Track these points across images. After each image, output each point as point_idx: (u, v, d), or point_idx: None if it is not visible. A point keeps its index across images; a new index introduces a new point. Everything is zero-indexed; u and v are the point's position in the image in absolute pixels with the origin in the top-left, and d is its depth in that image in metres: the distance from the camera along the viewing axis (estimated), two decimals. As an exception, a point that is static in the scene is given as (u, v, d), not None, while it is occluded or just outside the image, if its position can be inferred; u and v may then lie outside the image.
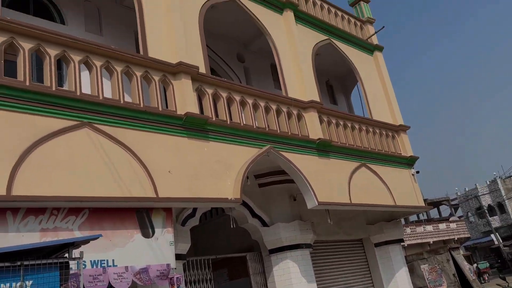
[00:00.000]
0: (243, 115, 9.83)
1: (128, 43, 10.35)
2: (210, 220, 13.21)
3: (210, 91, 9.24)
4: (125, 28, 10.48)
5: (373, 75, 14.94)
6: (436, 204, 43.90)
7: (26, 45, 6.76)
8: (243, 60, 13.72)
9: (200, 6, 9.98)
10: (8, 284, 4.58)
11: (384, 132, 13.73)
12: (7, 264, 4.61)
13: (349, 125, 12.50)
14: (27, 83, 6.53)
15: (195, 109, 8.57)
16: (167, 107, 8.52)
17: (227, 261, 11.50)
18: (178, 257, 8.32)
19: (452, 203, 49.57)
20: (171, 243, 7.76)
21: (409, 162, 14.07)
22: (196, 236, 10.97)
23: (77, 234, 6.63)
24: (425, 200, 23.04)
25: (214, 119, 9.02)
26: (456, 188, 55.39)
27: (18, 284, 4.62)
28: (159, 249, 7.54)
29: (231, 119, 9.45)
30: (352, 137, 12.39)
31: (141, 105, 7.89)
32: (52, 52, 7.04)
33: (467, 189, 51.92)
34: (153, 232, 7.58)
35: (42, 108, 6.58)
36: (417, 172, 14.21)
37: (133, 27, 9.97)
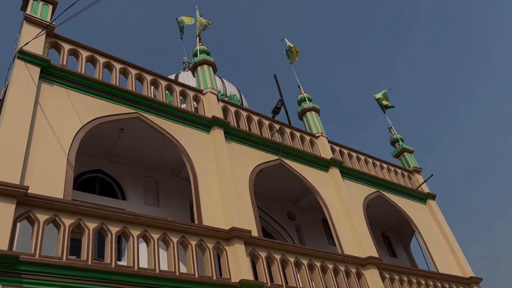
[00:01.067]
0: (299, 276, 9.43)
1: (183, 213, 10.81)
2: None
3: (263, 254, 9.12)
4: (181, 197, 11.08)
5: (430, 224, 14.36)
6: None
7: (91, 225, 7.21)
8: (294, 217, 13.76)
9: (249, 172, 10.56)
10: None
11: (454, 287, 12.53)
12: None
13: (414, 280, 11.59)
14: (89, 262, 6.77)
15: (249, 276, 8.35)
16: (221, 274, 8.38)
17: None
18: None
19: None
20: None
21: (490, 320, 12.43)
22: None
23: None
24: None
25: (269, 284, 8.68)
26: None
27: None
28: None
29: (286, 283, 9.06)
30: (420, 294, 11.36)
31: (196, 275, 7.82)
32: (114, 229, 7.43)
33: None
34: None
35: (102, 286, 6.66)
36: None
37: (188, 196, 10.55)
